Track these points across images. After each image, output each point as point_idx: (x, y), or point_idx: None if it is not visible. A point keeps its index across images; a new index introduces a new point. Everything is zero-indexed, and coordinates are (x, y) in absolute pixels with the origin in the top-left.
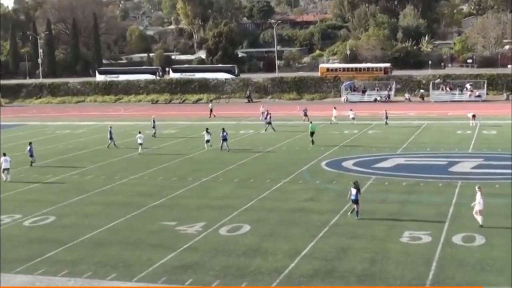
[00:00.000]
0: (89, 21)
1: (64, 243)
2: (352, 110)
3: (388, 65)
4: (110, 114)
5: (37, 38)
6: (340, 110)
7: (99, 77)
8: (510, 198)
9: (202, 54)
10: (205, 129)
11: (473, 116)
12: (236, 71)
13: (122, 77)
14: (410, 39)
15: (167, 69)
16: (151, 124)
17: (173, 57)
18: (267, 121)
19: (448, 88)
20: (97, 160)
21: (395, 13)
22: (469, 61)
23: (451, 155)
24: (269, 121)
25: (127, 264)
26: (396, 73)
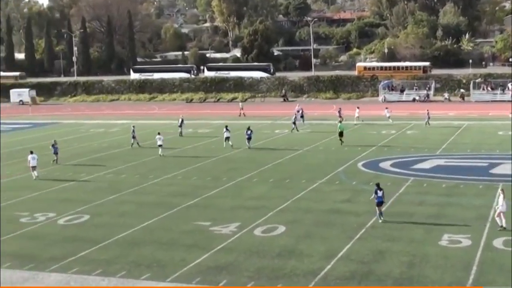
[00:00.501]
0: (124, 19)
1: (98, 242)
2: (387, 108)
3: (427, 64)
4: (144, 113)
5: (71, 36)
6: (377, 110)
7: (134, 75)
8: None
9: (237, 53)
10: (225, 126)
11: None
12: (272, 70)
13: (157, 76)
14: (450, 37)
15: (201, 67)
16: (178, 123)
17: (208, 55)
18: (292, 121)
19: (489, 88)
20: (130, 159)
21: (434, 11)
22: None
23: (492, 156)
24: (294, 121)
25: (161, 264)
26: (436, 72)
